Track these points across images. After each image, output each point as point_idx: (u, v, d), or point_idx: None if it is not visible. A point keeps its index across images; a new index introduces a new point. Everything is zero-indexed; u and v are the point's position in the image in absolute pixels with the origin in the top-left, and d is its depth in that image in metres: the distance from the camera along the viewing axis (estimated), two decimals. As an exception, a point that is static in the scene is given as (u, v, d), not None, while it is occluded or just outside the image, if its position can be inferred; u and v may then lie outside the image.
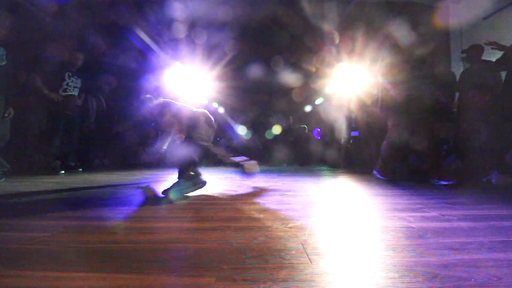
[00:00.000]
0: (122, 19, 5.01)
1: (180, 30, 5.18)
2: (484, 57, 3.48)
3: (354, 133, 4.35)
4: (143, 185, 2.36)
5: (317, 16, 5.23)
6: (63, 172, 3.52)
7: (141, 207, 1.46)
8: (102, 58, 4.69)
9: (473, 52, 3.48)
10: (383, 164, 2.74)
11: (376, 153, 2.91)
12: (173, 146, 2.29)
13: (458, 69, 4.56)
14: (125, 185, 2.36)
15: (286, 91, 5.95)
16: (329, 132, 5.05)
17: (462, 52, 3.79)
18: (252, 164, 2.19)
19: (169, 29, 5.18)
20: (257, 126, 6.23)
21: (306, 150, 5.57)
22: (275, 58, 5.89)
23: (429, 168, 2.52)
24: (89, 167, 4.11)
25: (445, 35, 5.19)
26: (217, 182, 2.57)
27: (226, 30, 5.28)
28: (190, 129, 2.10)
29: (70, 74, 3.65)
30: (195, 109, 2.23)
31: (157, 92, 4.58)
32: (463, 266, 0.68)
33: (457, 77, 3.71)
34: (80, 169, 3.87)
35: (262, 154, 5.87)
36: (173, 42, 5.29)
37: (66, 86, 3.61)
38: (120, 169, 3.96)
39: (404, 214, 1.24)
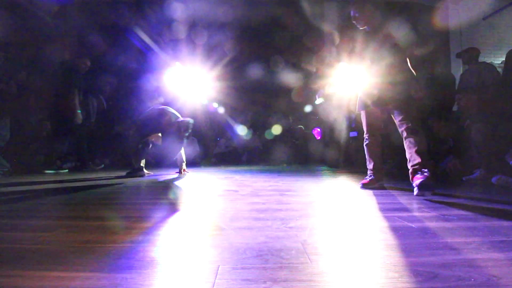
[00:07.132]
0: (123, 19, 5.01)
1: (180, 30, 5.18)
2: (484, 58, 3.49)
3: (353, 134, 4.35)
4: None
5: (317, 16, 5.23)
6: (66, 170, 3.51)
7: (139, 207, 1.46)
8: (103, 58, 4.69)
9: (469, 54, 3.49)
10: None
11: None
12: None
13: (458, 69, 4.56)
14: (125, 185, 2.36)
15: (286, 91, 5.95)
16: (329, 132, 5.05)
17: (457, 55, 3.81)
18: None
19: (170, 29, 5.18)
20: (257, 126, 6.22)
21: (306, 150, 5.57)
22: (275, 58, 5.89)
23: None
24: (89, 167, 4.10)
25: (445, 35, 5.19)
26: (217, 182, 2.57)
27: (226, 30, 5.28)
28: None
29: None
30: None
31: (157, 92, 4.59)
32: (463, 266, 0.68)
33: (457, 78, 3.72)
34: (67, 170, 3.66)
35: (262, 154, 5.86)
36: (173, 42, 5.29)
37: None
38: (120, 169, 3.96)
39: (404, 214, 1.24)
